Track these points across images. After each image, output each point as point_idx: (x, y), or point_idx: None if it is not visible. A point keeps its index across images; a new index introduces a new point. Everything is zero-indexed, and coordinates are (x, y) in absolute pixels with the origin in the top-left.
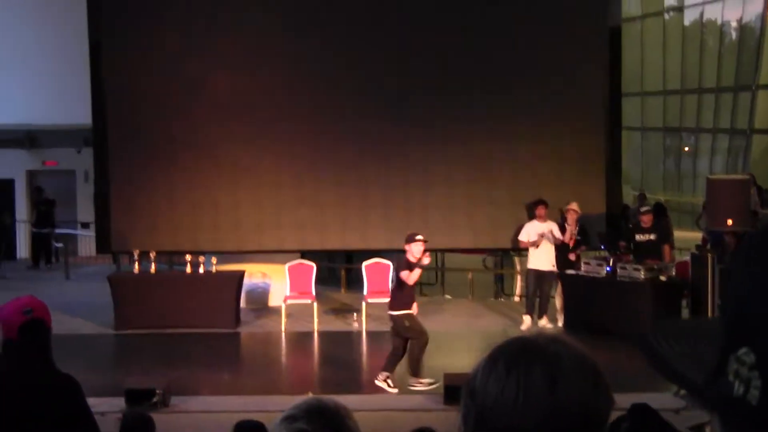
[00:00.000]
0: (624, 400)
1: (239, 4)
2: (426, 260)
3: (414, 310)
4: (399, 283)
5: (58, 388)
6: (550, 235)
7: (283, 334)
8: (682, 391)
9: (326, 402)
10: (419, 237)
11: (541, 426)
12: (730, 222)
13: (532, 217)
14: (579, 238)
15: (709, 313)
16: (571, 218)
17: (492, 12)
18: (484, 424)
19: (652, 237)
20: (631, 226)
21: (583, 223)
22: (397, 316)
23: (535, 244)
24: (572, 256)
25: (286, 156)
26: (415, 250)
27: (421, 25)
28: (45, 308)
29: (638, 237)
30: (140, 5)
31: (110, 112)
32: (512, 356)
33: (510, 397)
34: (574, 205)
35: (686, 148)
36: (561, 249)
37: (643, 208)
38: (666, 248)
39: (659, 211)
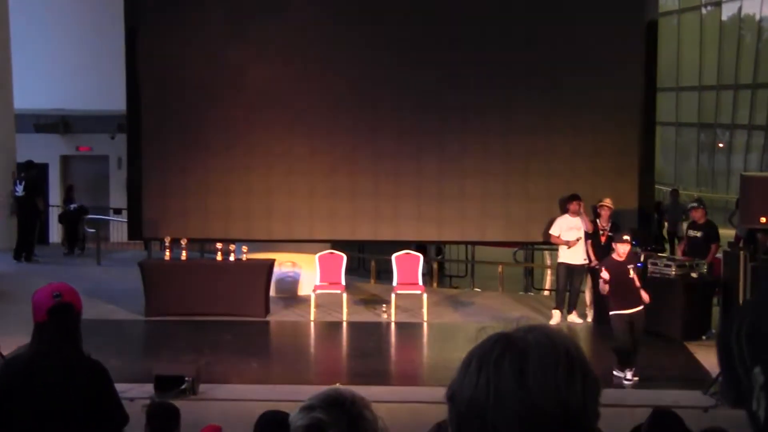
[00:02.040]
0: (653, 397)
1: None
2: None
3: (630, 309)
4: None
5: (86, 372)
6: (581, 232)
7: (312, 324)
8: (712, 389)
9: (344, 392)
10: (626, 237)
11: (516, 420)
12: (763, 219)
13: (564, 211)
14: (611, 234)
15: None
16: (605, 214)
17: (530, 6)
18: (464, 426)
19: (699, 234)
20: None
21: (615, 219)
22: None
23: (568, 245)
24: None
25: (320, 145)
26: (620, 250)
27: (461, 20)
28: (75, 294)
29: (690, 233)
30: None
31: (144, 98)
32: (483, 354)
33: (482, 395)
34: (607, 201)
35: (721, 144)
36: (596, 244)
37: (693, 204)
38: (714, 247)
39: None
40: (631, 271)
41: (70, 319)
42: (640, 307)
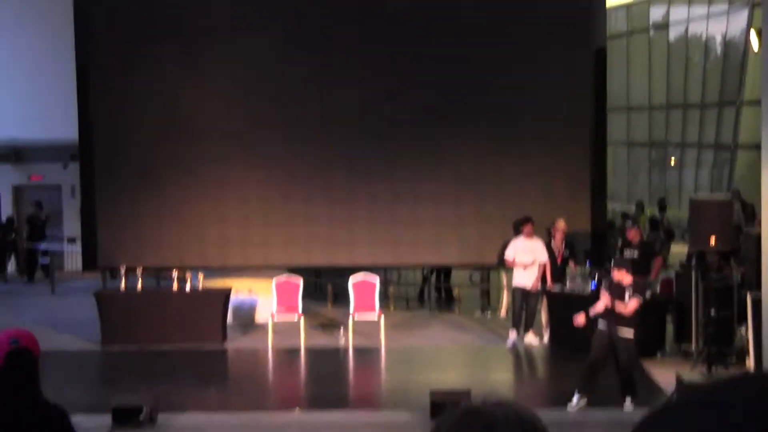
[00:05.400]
0: (608, 416)
1: (229, 29)
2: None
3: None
4: None
5: (46, 417)
6: (536, 255)
7: (270, 351)
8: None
9: None
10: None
11: None
12: (713, 241)
13: (518, 234)
14: (566, 253)
15: (693, 330)
16: (559, 236)
17: (479, 33)
18: None
19: (635, 254)
20: (620, 242)
21: (570, 239)
22: None
23: (524, 267)
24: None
25: (274, 173)
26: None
27: (412, 49)
28: (33, 339)
29: (626, 253)
30: (128, 30)
31: (96, 128)
32: (451, 425)
33: None
34: (560, 223)
35: (672, 160)
36: (552, 265)
37: (629, 223)
38: (657, 261)
39: (653, 225)
40: (626, 297)
41: (28, 365)
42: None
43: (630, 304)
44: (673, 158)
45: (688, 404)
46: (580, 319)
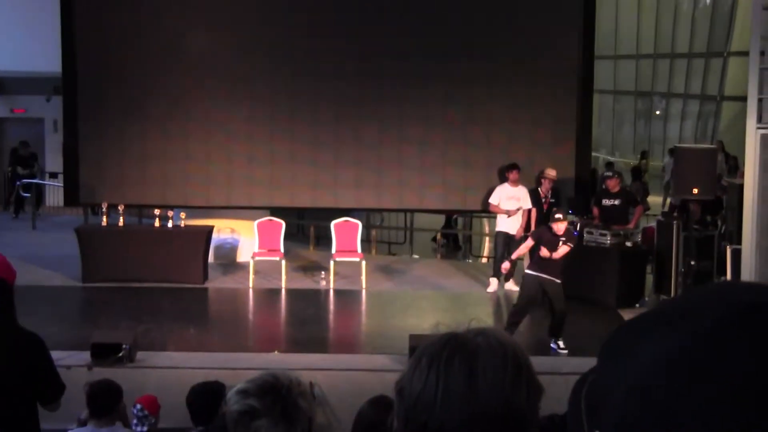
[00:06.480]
0: (588, 364)
1: None
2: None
3: (545, 274)
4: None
5: (21, 344)
6: (521, 202)
7: (251, 291)
8: None
9: (281, 379)
10: (558, 216)
11: (462, 419)
12: (695, 190)
13: (504, 180)
14: (552, 200)
15: (672, 280)
16: (546, 184)
17: None
18: (411, 421)
19: (617, 202)
20: (599, 190)
21: (557, 187)
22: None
23: (508, 214)
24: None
25: (259, 113)
26: (554, 228)
27: None
28: (7, 265)
29: (605, 202)
30: None
31: (81, 62)
32: (435, 351)
33: (431, 392)
34: (550, 172)
35: (657, 112)
36: (538, 212)
37: (608, 173)
38: (638, 209)
39: (636, 174)
40: (562, 246)
41: (3, 293)
42: (557, 280)
43: (560, 250)
44: (657, 111)
45: (661, 313)
46: (505, 265)
